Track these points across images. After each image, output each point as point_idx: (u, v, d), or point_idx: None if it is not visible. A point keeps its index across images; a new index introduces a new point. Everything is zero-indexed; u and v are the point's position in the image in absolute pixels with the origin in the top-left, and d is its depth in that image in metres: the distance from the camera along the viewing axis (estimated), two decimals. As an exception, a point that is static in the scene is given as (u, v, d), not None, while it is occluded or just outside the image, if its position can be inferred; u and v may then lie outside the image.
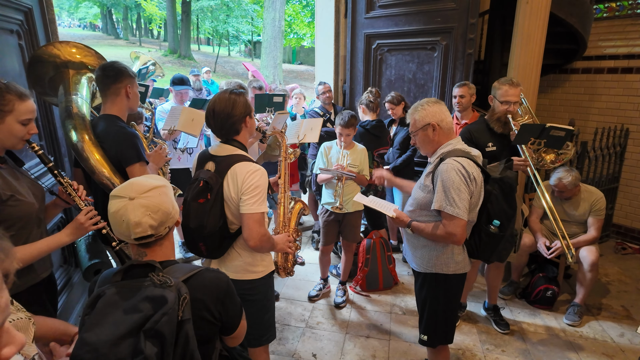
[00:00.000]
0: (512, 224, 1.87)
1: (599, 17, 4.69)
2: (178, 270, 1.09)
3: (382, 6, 3.86)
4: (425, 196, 1.84)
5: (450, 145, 1.84)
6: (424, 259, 1.93)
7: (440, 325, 1.97)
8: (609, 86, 4.35)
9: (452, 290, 1.94)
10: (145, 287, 0.99)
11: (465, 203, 1.71)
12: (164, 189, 1.12)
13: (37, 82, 2.08)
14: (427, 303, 1.97)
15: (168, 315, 0.94)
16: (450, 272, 1.88)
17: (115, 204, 1.07)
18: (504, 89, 2.46)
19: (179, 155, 3.56)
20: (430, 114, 1.82)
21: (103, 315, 0.96)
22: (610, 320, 2.97)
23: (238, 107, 1.65)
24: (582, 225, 3.10)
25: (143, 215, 1.05)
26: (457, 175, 1.70)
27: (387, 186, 2.35)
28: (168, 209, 1.10)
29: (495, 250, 1.88)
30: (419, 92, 3.87)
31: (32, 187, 1.58)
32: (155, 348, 0.91)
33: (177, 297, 0.97)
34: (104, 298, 0.99)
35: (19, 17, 2.22)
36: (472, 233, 1.90)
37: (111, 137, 1.84)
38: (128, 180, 1.14)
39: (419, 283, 2.02)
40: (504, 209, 1.82)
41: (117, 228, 1.08)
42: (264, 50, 15.40)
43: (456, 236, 1.74)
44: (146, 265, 1.05)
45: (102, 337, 0.91)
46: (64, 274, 2.58)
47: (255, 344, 1.87)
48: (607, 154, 4.05)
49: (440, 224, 1.78)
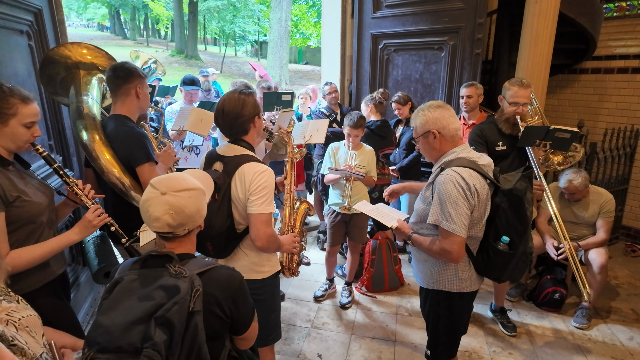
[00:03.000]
0: (524, 241, 1.66)
1: (609, 17, 4.63)
2: (194, 264, 1.12)
3: (389, 6, 3.85)
4: (425, 208, 1.72)
5: (453, 153, 1.69)
6: (426, 274, 1.82)
7: (442, 342, 1.88)
8: (619, 86, 4.29)
9: (456, 310, 1.81)
10: (162, 277, 1.02)
11: (463, 218, 1.57)
12: (196, 192, 1.14)
13: (49, 82, 2.11)
14: (430, 319, 1.89)
15: (179, 305, 0.96)
16: (454, 290, 1.75)
17: (148, 192, 1.11)
18: (514, 89, 2.44)
19: (186, 155, 3.58)
20: (430, 121, 1.68)
21: (118, 301, 0.99)
22: (619, 323, 2.93)
23: (247, 107, 1.66)
24: (591, 227, 3.06)
25: (164, 213, 1.08)
26: (454, 188, 1.56)
27: (401, 193, 2.24)
28: (192, 213, 1.12)
29: (506, 269, 1.70)
30: (425, 92, 3.85)
31: (40, 188, 1.60)
32: (164, 336, 0.93)
33: (190, 288, 1.00)
34: (122, 284, 1.03)
35: (28, 17, 2.25)
36: (479, 249, 1.75)
37: (121, 137, 1.85)
38: (171, 174, 1.18)
39: (422, 298, 1.93)
40: (514, 224, 1.64)
41: (143, 215, 1.12)
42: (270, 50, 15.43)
43: (452, 254, 1.60)
44: (164, 256, 1.09)
45: (115, 321, 0.95)
46: (72, 272, 2.61)
47: (261, 344, 1.87)
48: (616, 155, 4.00)
49: (437, 239, 1.66)
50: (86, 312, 2.70)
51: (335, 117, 3.97)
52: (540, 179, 2.47)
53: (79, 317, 2.51)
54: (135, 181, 1.87)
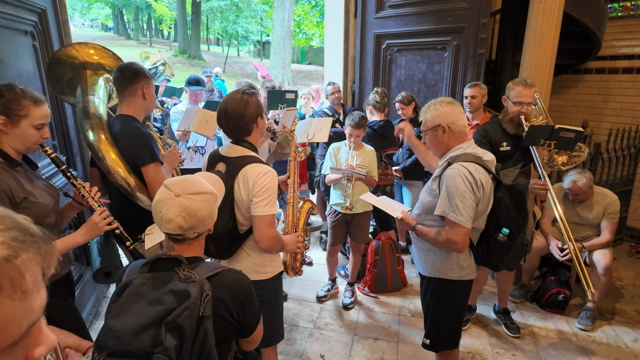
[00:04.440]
0: (522, 233, 1.79)
1: (614, 16, 4.60)
2: (203, 268, 1.12)
3: (392, 6, 3.83)
4: (432, 200, 1.80)
5: (460, 149, 1.78)
6: (429, 263, 1.90)
7: (443, 330, 1.93)
8: (623, 87, 4.27)
9: (456, 297, 1.89)
10: (171, 281, 1.02)
11: (469, 211, 1.66)
12: (210, 196, 1.14)
13: (56, 82, 2.12)
14: (431, 307, 1.95)
15: (190, 310, 0.96)
16: (454, 278, 1.83)
17: (161, 193, 1.11)
18: (518, 89, 2.43)
19: (192, 155, 3.59)
20: (441, 115, 1.77)
21: (128, 305, 0.99)
22: (624, 325, 2.91)
23: (250, 107, 1.65)
24: (596, 229, 3.05)
25: (177, 215, 1.08)
26: (462, 182, 1.65)
27: (406, 141, 2.28)
28: (203, 217, 1.12)
29: (503, 259, 1.82)
30: (429, 92, 3.84)
31: (46, 189, 1.61)
32: (175, 341, 0.93)
33: (199, 293, 1.00)
34: (131, 288, 1.03)
35: (32, 18, 2.26)
36: (479, 240, 1.85)
37: (126, 137, 1.86)
38: (185, 176, 1.18)
39: (424, 286, 2.00)
40: (514, 217, 1.75)
41: (155, 216, 1.12)
42: (273, 50, 15.45)
43: (457, 244, 1.70)
44: (173, 260, 1.09)
45: (125, 325, 0.95)
46: (76, 271, 2.61)
47: (264, 344, 1.86)
48: (621, 156, 3.97)
49: (442, 229, 1.74)
50: (89, 311, 2.70)
51: (337, 117, 3.97)
52: (544, 179, 2.46)
53: (83, 316, 2.52)
54: (141, 181, 1.87)
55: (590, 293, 2.32)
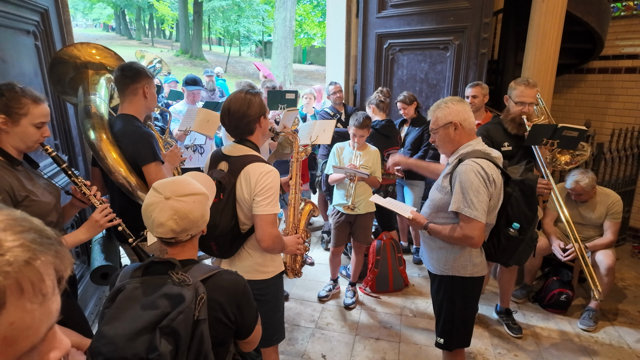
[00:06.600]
0: (532, 227, 1.83)
1: (617, 16, 4.58)
2: (197, 270, 1.10)
3: (394, 5, 3.83)
4: (443, 198, 1.82)
5: (470, 146, 1.81)
6: (441, 261, 1.90)
7: (457, 328, 1.94)
8: (626, 86, 4.25)
9: (470, 293, 1.91)
10: (165, 285, 1.00)
11: (484, 205, 1.68)
12: (201, 197, 1.12)
13: (58, 81, 2.13)
14: (444, 306, 1.94)
15: (184, 314, 0.95)
16: (467, 275, 1.85)
17: (150, 197, 1.09)
18: (520, 89, 2.42)
19: (190, 154, 3.59)
20: (453, 112, 1.80)
21: (122, 310, 0.97)
22: (626, 325, 2.90)
23: (253, 107, 1.66)
24: (598, 229, 3.03)
25: (169, 219, 1.06)
26: (476, 177, 1.67)
27: (403, 168, 2.33)
28: (196, 219, 1.10)
29: (514, 253, 1.84)
30: (431, 92, 3.83)
31: (48, 188, 1.61)
32: (170, 346, 0.92)
33: (194, 296, 0.98)
34: (124, 293, 1.01)
35: (35, 18, 2.26)
36: (490, 235, 1.87)
37: (128, 136, 1.86)
38: (174, 177, 1.15)
39: (436, 286, 1.99)
40: (524, 211, 1.79)
41: (145, 220, 1.10)
42: (274, 50, 15.44)
43: (473, 239, 1.71)
44: (166, 263, 1.06)
45: (119, 331, 0.93)
46: (77, 270, 2.62)
47: (265, 344, 1.87)
48: (624, 156, 3.96)
49: (457, 226, 1.75)
50: (91, 310, 2.71)
51: (339, 117, 3.96)
52: (548, 179, 2.45)
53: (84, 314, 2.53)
54: (142, 181, 1.88)
55: (597, 292, 2.33)
